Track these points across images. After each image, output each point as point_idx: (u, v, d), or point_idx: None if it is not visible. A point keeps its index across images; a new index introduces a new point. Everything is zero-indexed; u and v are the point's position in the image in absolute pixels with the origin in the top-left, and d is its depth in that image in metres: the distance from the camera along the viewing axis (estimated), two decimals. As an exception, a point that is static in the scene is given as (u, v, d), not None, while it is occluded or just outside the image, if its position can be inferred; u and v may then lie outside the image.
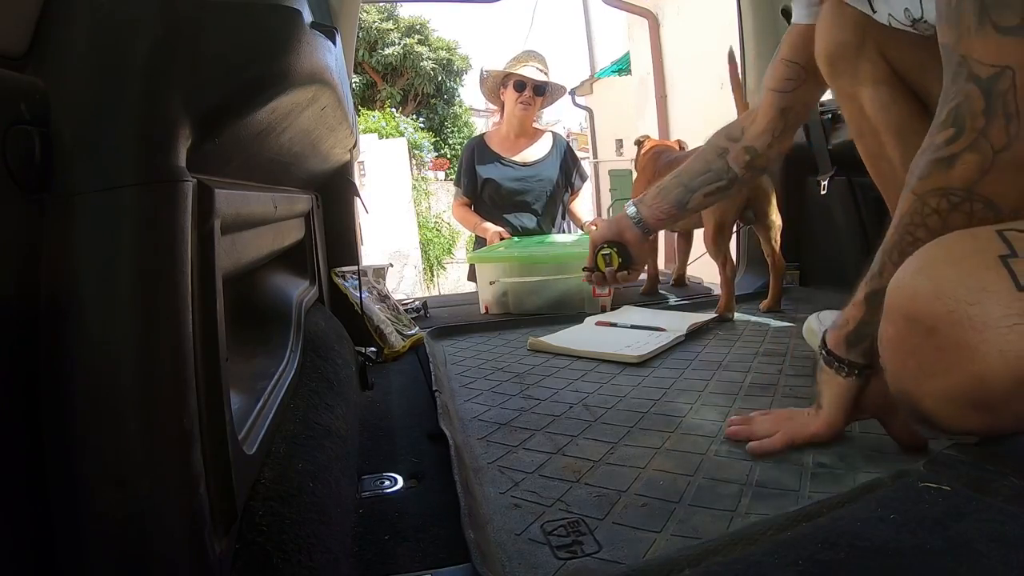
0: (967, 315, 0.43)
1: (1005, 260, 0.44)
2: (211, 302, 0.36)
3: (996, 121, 0.46)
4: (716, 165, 0.99)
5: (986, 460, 0.42)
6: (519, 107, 2.00)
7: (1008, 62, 0.45)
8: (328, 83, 0.53)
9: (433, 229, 8.44)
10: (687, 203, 1.00)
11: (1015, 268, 0.43)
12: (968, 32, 0.47)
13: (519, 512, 0.54)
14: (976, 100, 0.47)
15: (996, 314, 0.42)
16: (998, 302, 0.42)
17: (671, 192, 1.01)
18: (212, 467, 0.33)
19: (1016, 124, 0.45)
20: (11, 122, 0.27)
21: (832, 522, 0.37)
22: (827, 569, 0.32)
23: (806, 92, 0.92)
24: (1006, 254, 0.44)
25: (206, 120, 0.34)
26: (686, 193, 1.00)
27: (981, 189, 0.47)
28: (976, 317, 0.43)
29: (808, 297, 1.48)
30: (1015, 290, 0.42)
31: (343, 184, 1.28)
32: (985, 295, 0.43)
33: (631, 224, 1.03)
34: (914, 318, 0.47)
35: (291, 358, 0.66)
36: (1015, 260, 0.43)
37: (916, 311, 0.47)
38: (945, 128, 0.49)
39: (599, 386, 0.88)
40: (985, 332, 0.42)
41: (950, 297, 0.44)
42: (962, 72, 0.48)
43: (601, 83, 7.80)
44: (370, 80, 10.71)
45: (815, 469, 0.57)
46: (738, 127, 1.00)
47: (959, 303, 0.44)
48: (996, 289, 0.43)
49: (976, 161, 0.47)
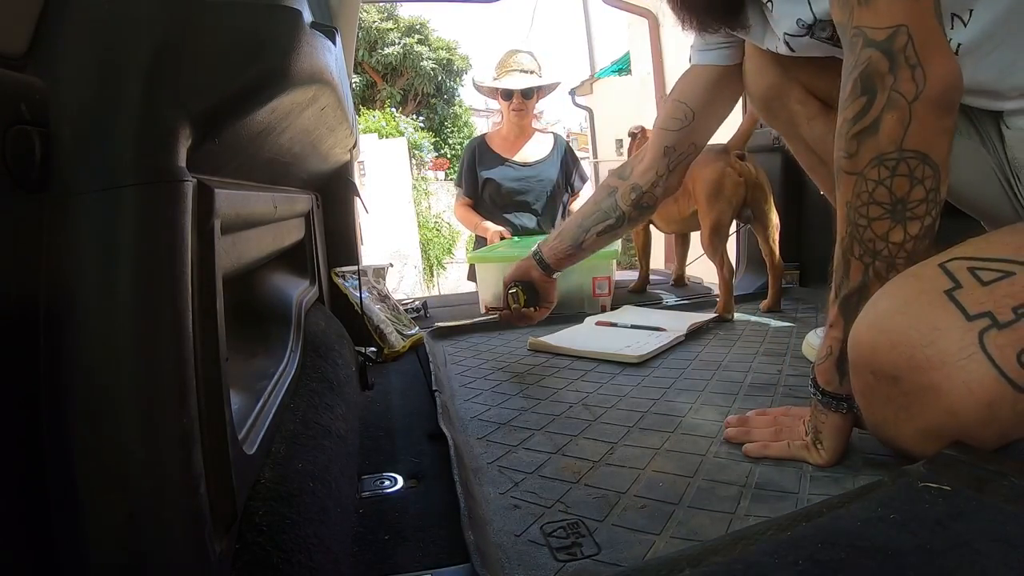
0: (925, 357, 0.44)
1: (951, 294, 0.45)
2: (211, 302, 0.36)
3: (903, 73, 0.48)
4: (605, 204, 1.01)
5: (986, 460, 0.42)
6: (513, 114, 2.02)
7: (900, 21, 0.48)
8: (328, 83, 0.53)
9: (433, 229, 8.44)
10: (582, 242, 1.03)
11: (961, 300, 0.45)
12: (859, 4, 0.50)
13: (519, 513, 0.54)
14: (879, 62, 0.49)
15: (952, 350, 0.43)
16: (951, 338, 0.44)
17: (569, 232, 1.04)
18: (212, 467, 0.33)
19: (920, 72, 0.47)
20: (11, 122, 0.27)
21: (832, 522, 0.37)
22: (827, 569, 0.32)
23: (692, 133, 0.93)
24: (950, 288, 0.45)
25: (206, 120, 0.34)
26: (581, 233, 1.03)
27: (909, 143, 0.48)
28: (934, 357, 0.44)
29: (808, 297, 1.49)
30: (965, 321, 0.44)
31: (343, 184, 1.28)
32: (937, 334, 0.44)
33: (534, 264, 1.08)
34: (878, 371, 0.48)
35: (291, 358, 0.66)
36: (960, 291, 0.45)
37: (878, 364, 0.48)
38: (855, 98, 0.50)
39: (599, 386, 0.88)
40: (945, 369, 0.44)
41: (905, 345, 0.46)
42: (857, 41, 0.50)
43: (601, 83, 7.80)
44: (370, 80, 10.71)
45: (814, 472, 0.57)
46: (628, 166, 1.02)
47: (915, 348, 0.45)
48: (946, 326, 0.44)
49: (897, 117, 0.48)
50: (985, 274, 0.45)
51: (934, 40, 0.48)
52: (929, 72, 0.47)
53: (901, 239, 0.50)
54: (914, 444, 0.49)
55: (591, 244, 1.03)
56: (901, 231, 0.50)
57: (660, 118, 0.96)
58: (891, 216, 0.50)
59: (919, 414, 0.46)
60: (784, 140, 0.89)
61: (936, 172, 0.48)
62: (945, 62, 0.48)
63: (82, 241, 0.29)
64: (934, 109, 0.48)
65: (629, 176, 0.99)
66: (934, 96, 0.47)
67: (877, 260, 0.51)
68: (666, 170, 0.95)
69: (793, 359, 0.96)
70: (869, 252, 0.51)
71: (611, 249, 1.51)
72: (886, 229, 0.50)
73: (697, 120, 0.92)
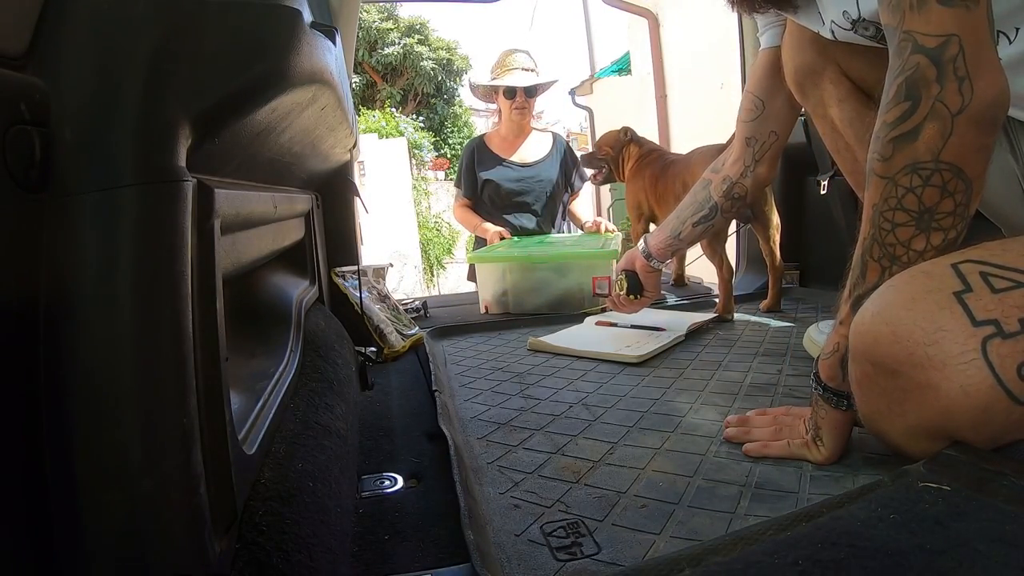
0: (926, 356, 0.44)
1: (960, 296, 0.45)
2: (211, 302, 0.36)
3: (950, 85, 0.47)
4: (701, 196, 1.05)
5: (986, 460, 0.42)
6: (515, 113, 2.02)
7: (952, 31, 0.47)
8: (328, 83, 0.53)
9: (433, 229, 8.44)
10: (680, 233, 1.07)
11: (970, 303, 0.44)
12: (911, 9, 0.49)
13: (519, 513, 0.54)
14: (927, 69, 0.48)
15: (954, 352, 0.43)
16: (954, 340, 0.44)
17: (669, 223, 1.09)
18: (212, 467, 0.33)
19: (968, 85, 0.47)
20: (11, 122, 0.27)
21: (832, 522, 0.37)
22: (827, 569, 0.32)
23: (767, 121, 0.96)
24: (960, 290, 0.45)
25: (206, 120, 0.34)
26: (679, 224, 1.07)
27: (946, 156, 0.48)
28: (935, 357, 0.44)
29: (808, 297, 1.48)
30: (971, 326, 0.44)
31: (343, 184, 1.28)
32: (942, 335, 0.44)
33: (639, 254, 1.12)
34: (878, 362, 0.48)
35: (291, 358, 0.66)
36: (969, 295, 0.45)
37: (879, 355, 0.48)
38: (898, 102, 0.50)
39: (599, 386, 0.88)
40: (945, 370, 0.44)
41: (908, 340, 0.46)
42: (907, 46, 0.49)
43: (601, 83, 7.79)
44: (370, 80, 10.70)
45: (814, 471, 0.57)
46: (722, 158, 1.05)
47: (917, 345, 0.45)
48: (951, 328, 0.44)
49: (938, 128, 0.48)
50: (997, 281, 0.45)
51: (985, 54, 0.47)
52: (977, 87, 0.47)
53: (923, 248, 0.50)
54: (905, 440, 0.49)
55: (688, 235, 1.07)
56: (924, 240, 0.50)
57: (740, 111, 1.00)
58: (916, 224, 0.50)
59: (913, 410, 0.46)
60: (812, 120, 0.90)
61: (968, 187, 0.48)
62: (994, 78, 0.47)
63: (82, 241, 0.29)
64: (976, 125, 0.47)
65: (721, 169, 1.04)
66: (978, 112, 0.47)
67: (895, 265, 0.51)
68: (752, 161, 0.99)
69: (793, 359, 0.96)
70: (888, 256, 0.51)
71: (611, 249, 1.51)
72: (909, 236, 0.50)
73: (768, 108, 0.95)
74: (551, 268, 1.47)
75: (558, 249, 1.59)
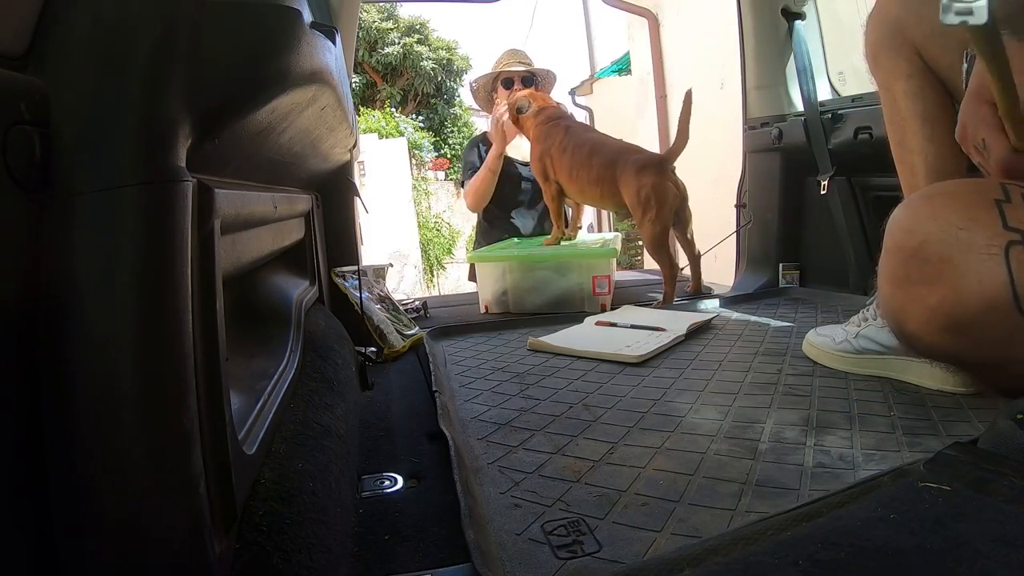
0: (955, 236, 0.49)
1: (999, 203, 0.49)
2: (211, 302, 0.36)
3: None
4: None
5: (986, 460, 0.42)
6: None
7: None
8: (328, 83, 0.53)
9: (433, 229, 8.44)
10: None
11: (1006, 211, 0.48)
12: None
13: (519, 512, 0.54)
14: None
15: (981, 241, 0.48)
16: (984, 232, 0.48)
17: None
18: (212, 467, 0.33)
19: None
20: (11, 122, 0.27)
21: (832, 522, 0.37)
22: (827, 569, 0.32)
23: None
24: (1001, 199, 0.49)
25: (206, 120, 0.34)
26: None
27: None
28: (963, 240, 0.48)
29: (808, 297, 1.48)
30: (1001, 227, 0.48)
31: (343, 184, 1.28)
32: (974, 224, 0.49)
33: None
34: (910, 230, 0.52)
35: (291, 358, 0.66)
36: (1008, 205, 0.49)
37: (912, 226, 0.52)
38: None
39: (599, 386, 0.88)
40: (968, 254, 0.48)
41: (943, 219, 0.50)
42: None
43: (601, 83, 7.79)
44: (370, 80, 10.70)
45: (815, 469, 0.57)
46: None
47: (950, 225, 0.50)
48: (985, 222, 0.48)
49: None
50: None
51: None
52: None
53: None
54: (920, 327, 0.52)
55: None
56: None
57: None
58: None
59: (933, 293, 0.50)
60: (879, 91, 0.91)
61: None
62: None
63: (82, 241, 0.29)
64: None
65: None
66: None
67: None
68: None
69: (793, 359, 0.96)
70: None
71: (611, 248, 1.51)
72: None
73: None
74: (551, 268, 1.47)
75: (558, 249, 1.59)
